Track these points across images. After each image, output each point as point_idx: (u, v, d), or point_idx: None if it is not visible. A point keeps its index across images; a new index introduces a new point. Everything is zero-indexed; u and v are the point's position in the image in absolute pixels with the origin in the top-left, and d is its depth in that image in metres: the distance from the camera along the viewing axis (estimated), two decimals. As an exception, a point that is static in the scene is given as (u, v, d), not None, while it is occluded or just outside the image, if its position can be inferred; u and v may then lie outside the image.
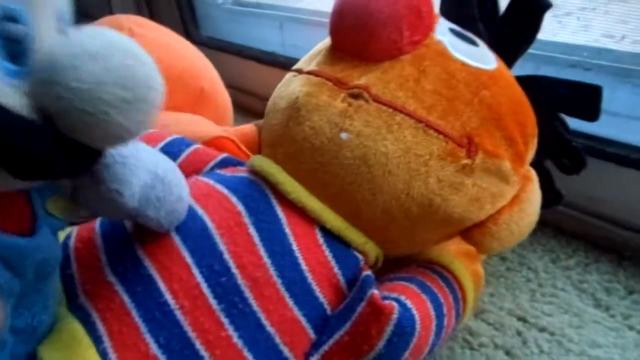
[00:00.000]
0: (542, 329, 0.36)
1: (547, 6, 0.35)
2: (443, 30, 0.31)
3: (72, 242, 0.28)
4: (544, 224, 0.46)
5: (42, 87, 0.16)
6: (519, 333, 0.36)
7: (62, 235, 0.28)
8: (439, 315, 0.29)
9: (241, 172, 0.31)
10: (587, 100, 0.36)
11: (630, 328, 0.36)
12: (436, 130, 0.27)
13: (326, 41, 0.32)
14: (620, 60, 0.45)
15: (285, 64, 0.62)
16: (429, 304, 0.28)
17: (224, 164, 0.34)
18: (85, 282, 0.26)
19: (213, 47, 0.74)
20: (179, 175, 0.26)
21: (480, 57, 0.31)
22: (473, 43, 0.33)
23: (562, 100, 0.37)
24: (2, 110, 0.15)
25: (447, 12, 0.39)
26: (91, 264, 0.26)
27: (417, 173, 0.27)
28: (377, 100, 0.28)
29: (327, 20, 0.30)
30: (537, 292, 0.39)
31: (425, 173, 0.27)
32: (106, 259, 0.26)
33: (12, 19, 0.16)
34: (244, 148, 0.39)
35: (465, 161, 0.28)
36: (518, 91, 0.32)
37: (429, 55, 0.29)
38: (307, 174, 0.29)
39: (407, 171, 0.27)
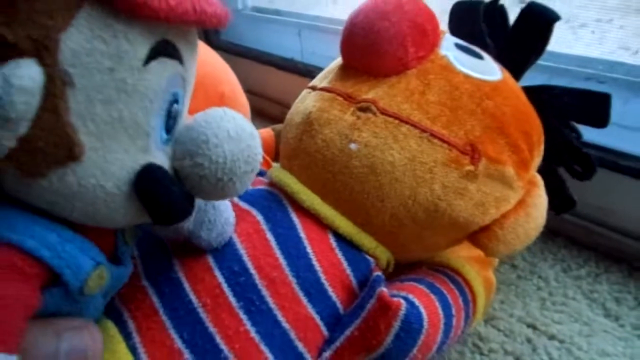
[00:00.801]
0: (552, 337, 0.37)
1: (556, 18, 0.37)
2: (448, 46, 0.33)
3: None
4: (555, 234, 0.47)
5: (188, 156, 0.20)
6: (528, 340, 0.37)
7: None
8: (448, 315, 0.30)
9: (261, 185, 0.34)
10: (596, 107, 0.38)
11: (640, 337, 0.37)
12: (440, 139, 0.29)
13: (339, 60, 0.35)
14: (635, 74, 0.46)
15: (303, 70, 0.64)
16: (437, 304, 0.30)
17: None
18: (122, 287, 0.27)
19: (232, 52, 0.76)
20: (224, 204, 0.29)
21: (485, 69, 0.33)
22: (478, 56, 0.34)
23: (571, 108, 0.38)
24: (168, 176, 0.20)
25: (455, 27, 0.41)
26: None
27: (422, 180, 0.29)
28: (384, 112, 0.30)
29: (342, 28, 0.32)
30: (547, 301, 0.40)
31: (431, 180, 0.29)
32: (141, 264, 0.28)
33: (176, 100, 0.21)
34: (262, 152, 0.41)
35: (469, 167, 0.29)
36: (523, 101, 0.34)
37: (433, 69, 0.32)
38: (320, 183, 0.31)
39: (413, 178, 0.29)
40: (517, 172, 0.31)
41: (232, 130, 0.21)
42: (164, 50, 0.19)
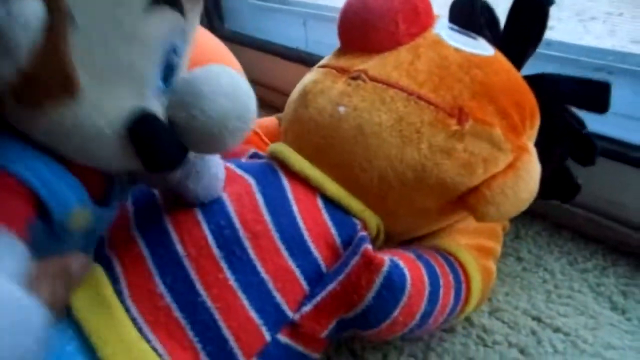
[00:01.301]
0: (557, 330, 0.36)
1: (550, 3, 0.36)
2: (442, 27, 0.35)
3: None
4: (562, 227, 0.47)
5: (183, 107, 0.21)
6: (533, 332, 0.36)
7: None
8: (434, 284, 0.30)
9: (260, 161, 0.35)
10: (596, 93, 0.37)
11: (648, 330, 0.36)
12: (427, 101, 0.30)
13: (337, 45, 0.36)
14: (645, 65, 0.45)
15: (308, 60, 0.64)
16: (422, 270, 0.30)
17: (252, 158, 0.37)
18: (113, 236, 0.28)
19: (237, 42, 0.76)
20: (216, 156, 0.30)
21: (477, 46, 0.34)
22: (471, 37, 0.35)
23: (570, 94, 0.38)
24: (162, 124, 0.20)
25: (454, 16, 0.41)
26: (121, 223, 0.29)
27: (409, 140, 0.30)
28: (373, 79, 0.31)
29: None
30: (553, 293, 0.39)
31: (417, 139, 0.30)
32: (134, 217, 0.29)
33: (174, 51, 0.21)
34: (266, 139, 0.41)
35: (456, 127, 0.30)
36: (515, 76, 0.34)
37: (424, 43, 0.33)
38: (311, 148, 0.32)
39: (400, 138, 0.30)
40: (505, 134, 0.31)
41: (228, 86, 0.21)
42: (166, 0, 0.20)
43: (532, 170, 0.31)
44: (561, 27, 0.53)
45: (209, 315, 0.26)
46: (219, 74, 0.22)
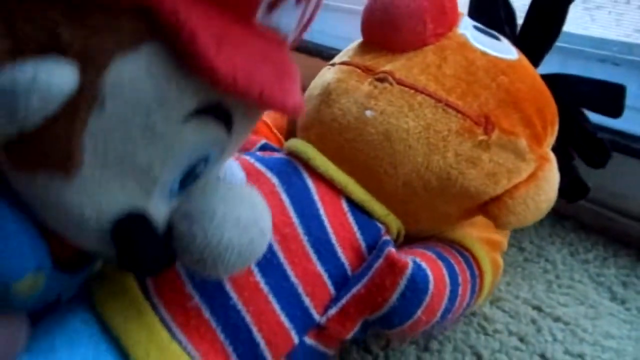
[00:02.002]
0: (557, 319, 0.37)
1: (570, 0, 0.36)
2: (466, 26, 0.34)
3: None
4: (564, 218, 0.47)
5: (187, 219, 0.19)
6: (533, 321, 0.37)
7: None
8: (454, 283, 0.30)
9: (278, 155, 0.34)
10: (611, 97, 0.38)
11: (646, 321, 0.37)
12: (455, 109, 0.30)
13: (357, 40, 0.36)
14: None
15: (311, 50, 0.63)
16: (444, 270, 0.30)
17: (263, 149, 0.37)
18: None
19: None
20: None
21: (502, 49, 0.34)
22: (496, 38, 0.35)
23: (586, 96, 0.39)
24: (152, 233, 0.18)
25: (475, 15, 0.41)
26: None
27: (436, 147, 0.30)
28: (400, 83, 0.31)
29: (352, 6, 0.33)
30: (553, 284, 0.40)
31: (444, 148, 0.29)
32: None
33: (205, 160, 0.19)
34: (275, 131, 0.42)
35: (482, 137, 0.30)
36: (538, 81, 0.34)
37: (450, 45, 0.32)
38: (336, 150, 0.32)
39: (427, 145, 0.30)
40: (529, 144, 0.31)
41: (243, 218, 0.19)
42: (213, 112, 0.17)
43: (552, 179, 0.32)
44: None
45: (240, 319, 0.26)
46: (242, 201, 0.20)
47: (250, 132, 0.21)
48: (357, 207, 0.31)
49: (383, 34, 0.32)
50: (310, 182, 0.31)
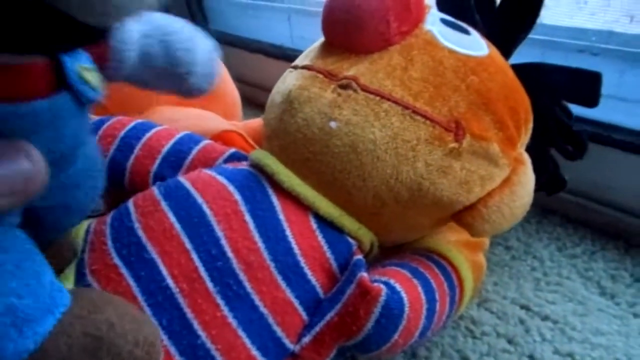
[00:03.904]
0: (545, 318, 0.36)
1: None
2: (433, 21, 0.32)
3: (90, 234, 0.29)
4: (550, 212, 0.46)
5: None
6: (521, 322, 0.36)
7: (81, 230, 0.29)
8: (430, 300, 0.29)
9: (243, 166, 0.32)
10: (586, 86, 0.36)
11: (635, 316, 0.35)
12: (423, 116, 0.28)
13: (321, 38, 0.33)
14: (631, 44, 0.44)
15: (293, 56, 0.62)
16: (419, 289, 0.29)
17: (231, 158, 0.35)
18: (93, 262, 0.27)
19: (221, 41, 0.75)
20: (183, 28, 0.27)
21: (471, 44, 0.31)
22: (465, 32, 0.32)
23: (561, 86, 0.37)
24: None
25: (443, 3, 0.39)
26: (99, 247, 0.27)
27: (405, 158, 0.28)
28: (365, 89, 0.28)
29: None
30: (541, 281, 0.39)
31: (413, 158, 0.28)
32: (112, 243, 0.27)
33: None
34: (252, 142, 0.40)
35: (453, 145, 0.28)
36: (510, 77, 0.32)
37: (417, 44, 0.30)
38: (301, 163, 0.30)
39: (395, 156, 0.28)
40: (502, 149, 0.29)
41: None
42: None
43: (527, 183, 0.30)
44: (553, 4, 0.52)
45: (210, 358, 0.25)
46: None
47: None
48: (326, 223, 0.29)
49: (344, 35, 0.30)
50: (275, 199, 0.29)
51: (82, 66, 0.20)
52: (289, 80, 0.32)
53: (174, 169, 0.36)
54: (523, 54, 0.38)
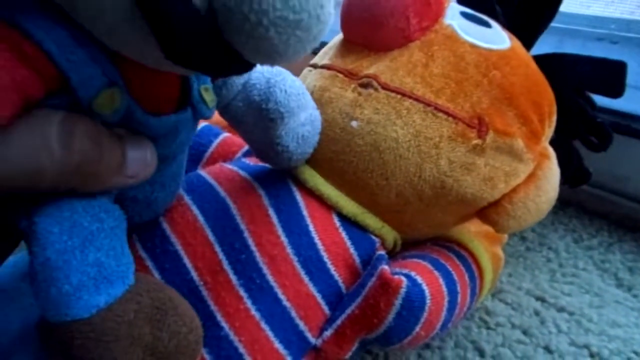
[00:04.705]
0: (561, 309, 0.36)
1: None
2: (453, 15, 0.31)
3: None
4: (566, 203, 0.45)
5: None
6: (537, 313, 0.36)
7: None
8: (452, 292, 0.29)
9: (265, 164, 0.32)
10: (611, 76, 0.35)
11: (653, 308, 0.36)
12: (445, 113, 0.27)
13: (339, 35, 0.33)
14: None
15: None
16: (440, 281, 0.28)
17: (250, 152, 0.35)
18: None
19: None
20: (319, 125, 0.28)
21: (492, 38, 0.31)
22: (486, 24, 0.32)
23: (585, 77, 0.36)
24: None
25: None
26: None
27: (428, 156, 0.27)
28: (385, 87, 0.28)
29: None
30: (557, 272, 0.39)
31: (436, 155, 0.27)
32: (137, 235, 0.27)
33: None
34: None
35: (476, 141, 0.27)
36: (533, 70, 0.31)
37: (437, 40, 0.29)
38: (324, 163, 0.29)
39: (418, 154, 0.27)
40: (526, 144, 0.29)
41: None
42: None
43: (552, 177, 0.30)
44: None
45: (233, 350, 0.25)
46: None
47: None
48: (349, 222, 0.29)
49: (364, 33, 0.29)
50: (298, 196, 0.29)
51: (203, 86, 0.23)
52: (309, 81, 0.32)
53: (194, 162, 0.36)
54: (541, 42, 0.37)
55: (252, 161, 0.33)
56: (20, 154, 0.16)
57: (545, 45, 0.38)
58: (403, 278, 0.26)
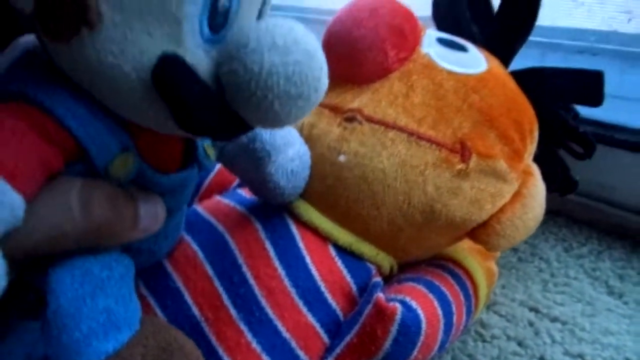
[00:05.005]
0: (554, 319, 0.36)
1: None
2: (430, 42, 0.32)
3: None
4: (555, 213, 0.46)
5: (226, 60, 0.18)
6: (531, 324, 0.36)
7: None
8: (447, 314, 0.29)
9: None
10: (589, 86, 0.36)
11: (644, 314, 0.36)
12: (428, 141, 0.28)
13: None
14: (630, 44, 0.44)
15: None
16: (435, 303, 0.29)
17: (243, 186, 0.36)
18: None
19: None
20: (308, 158, 0.30)
21: (469, 62, 0.32)
22: (462, 49, 0.33)
23: (564, 89, 0.37)
24: (189, 70, 0.17)
25: (439, 17, 0.39)
26: None
27: (415, 183, 0.28)
28: (369, 120, 0.29)
29: (325, 17, 0.32)
30: (549, 282, 0.39)
31: (423, 182, 0.28)
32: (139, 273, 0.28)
33: None
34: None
35: (460, 166, 0.28)
36: (511, 89, 0.32)
37: (415, 69, 0.31)
38: (317, 197, 0.31)
39: (406, 183, 0.28)
40: (509, 164, 0.30)
41: (280, 38, 0.17)
42: None
43: (537, 194, 0.31)
44: (550, 2, 0.52)
45: None
46: (275, 25, 0.18)
47: None
48: (345, 251, 0.30)
49: (345, 69, 0.30)
50: (294, 229, 0.30)
51: (206, 144, 0.24)
52: None
53: (192, 195, 0.37)
54: (523, 56, 0.38)
55: (247, 192, 0.34)
56: (44, 223, 0.18)
57: (528, 59, 0.39)
58: (398, 305, 0.27)
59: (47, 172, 0.18)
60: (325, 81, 0.19)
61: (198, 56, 0.18)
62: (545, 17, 0.38)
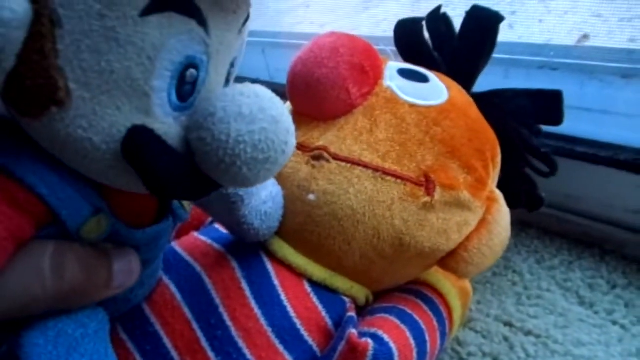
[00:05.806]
0: (528, 333, 0.37)
1: (501, 19, 0.36)
2: (392, 75, 0.33)
3: None
4: (527, 226, 0.47)
5: (194, 127, 0.18)
6: (505, 339, 0.37)
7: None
8: (420, 343, 0.30)
9: None
10: (549, 106, 0.37)
11: (614, 323, 0.37)
12: (393, 176, 0.29)
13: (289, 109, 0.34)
14: (587, 57, 0.45)
15: (271, 89, 0.63)
16: (407, 334, 0.30)
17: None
18: None
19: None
20: (281, 200, 0.30)
21: (430, 93, 0.32)
22: (423, 79, 0.34)
23: (525, 110, 0.38)
24: (158, 140, 0.18)
25: (401, 47, 0.40)
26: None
27: (383, 218, 0.29)
28: (336, 158, 0.29)
29: (306, 42, 0.32)
30: (522, 296, 0.40)
31: (391, 216, 0.29)
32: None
33: (194, 66, 0.18)
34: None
35: (425, 199, 0.29)
36: (472, 117, 0.33)
37: (378, 104, 0.31)
38: (291, 234, 0.31)
39: (374, 218, 0.29)
40: (473, 193, 0.30)
41: (246, 107, 0.18)
42: (174, 4, 0.16)
43: (502, 220, 0.31)
44: (522, 9, 0.52)
45: None
46: (241, 93, 0.18)
47: (234, 29, 0.20)
48: (320, 286, 0.30)
49: (309, 108, 0.31)
50: (270, 266, 0.30)
51: None
52: None
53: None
54: (488, 73, 0.38)
55: (223, 227, 0.34)
56: (16, 290, 0.18)
57: (492, 76, 0.39)
58: (369, 340, 0.27)
59: (17, 241, 0.18)
60: (293, 142, 0.20)
61: (167, 124, 0.18)
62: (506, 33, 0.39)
